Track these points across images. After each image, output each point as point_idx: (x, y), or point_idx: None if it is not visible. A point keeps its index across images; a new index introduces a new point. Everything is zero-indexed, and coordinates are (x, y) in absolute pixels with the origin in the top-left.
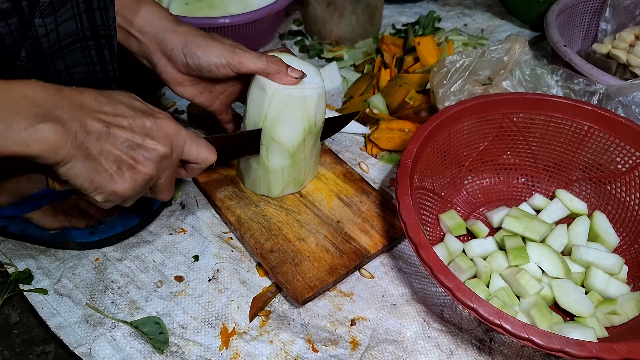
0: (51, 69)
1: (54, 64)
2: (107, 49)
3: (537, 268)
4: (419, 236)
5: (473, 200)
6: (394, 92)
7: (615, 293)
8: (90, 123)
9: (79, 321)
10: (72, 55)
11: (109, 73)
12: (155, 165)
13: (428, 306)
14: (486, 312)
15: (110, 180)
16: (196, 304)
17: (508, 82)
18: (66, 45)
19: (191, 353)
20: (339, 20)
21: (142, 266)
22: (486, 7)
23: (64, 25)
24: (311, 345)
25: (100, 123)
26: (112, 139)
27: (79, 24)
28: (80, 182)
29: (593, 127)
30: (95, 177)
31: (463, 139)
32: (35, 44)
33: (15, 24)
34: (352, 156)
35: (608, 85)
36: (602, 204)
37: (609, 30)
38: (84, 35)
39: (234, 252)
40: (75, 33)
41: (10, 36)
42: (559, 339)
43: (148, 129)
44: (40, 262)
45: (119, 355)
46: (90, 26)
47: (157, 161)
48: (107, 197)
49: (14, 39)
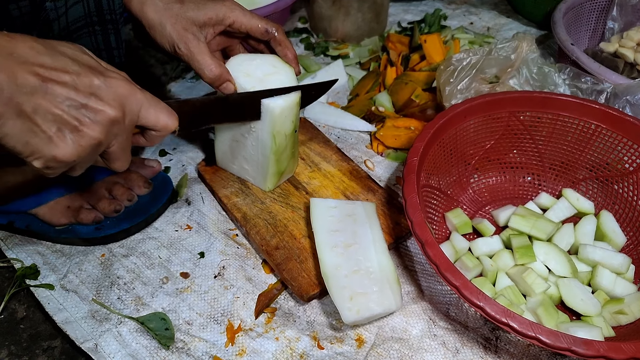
0: None
1: None
2: (113, 34)
3: (544, 267)
4: (426, 234)
5: (479, 199)
6: (400, 90)
7: (622, 292)
8: (21, 75)
9: (85, 317)
10: (79, 41)
11: (115, 59)
12: (104, 129)
13: (434, 304)
14: (493, 310)
15: (48, 143)
16: (202, 301)
17: (515, 81)
18: (74, 30)
19: (197, 349)
20: (345, 17)
21: (148, 262)
22: (492, 5)
23: (72, 9)
24: (317, 342)
25: (34, 76)
26: (50, 96)
27: (86, 8)
28: (13, 143)
29: (600, 126)
30: (30, 138)
31: (469, 137)
32: (46, 29)
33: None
34: (358, 154)
35: (615, 84)
36: (609, 203)
37: (616, 28)
38: (91, 20)
39: (240, 248)
40: (82, 18)
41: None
42: (566, 338)
43: (95, 88)
44: (46, 258)
45: (125, 351)
46: (97, 11)
47: (105, 125)
48: (46, 162)
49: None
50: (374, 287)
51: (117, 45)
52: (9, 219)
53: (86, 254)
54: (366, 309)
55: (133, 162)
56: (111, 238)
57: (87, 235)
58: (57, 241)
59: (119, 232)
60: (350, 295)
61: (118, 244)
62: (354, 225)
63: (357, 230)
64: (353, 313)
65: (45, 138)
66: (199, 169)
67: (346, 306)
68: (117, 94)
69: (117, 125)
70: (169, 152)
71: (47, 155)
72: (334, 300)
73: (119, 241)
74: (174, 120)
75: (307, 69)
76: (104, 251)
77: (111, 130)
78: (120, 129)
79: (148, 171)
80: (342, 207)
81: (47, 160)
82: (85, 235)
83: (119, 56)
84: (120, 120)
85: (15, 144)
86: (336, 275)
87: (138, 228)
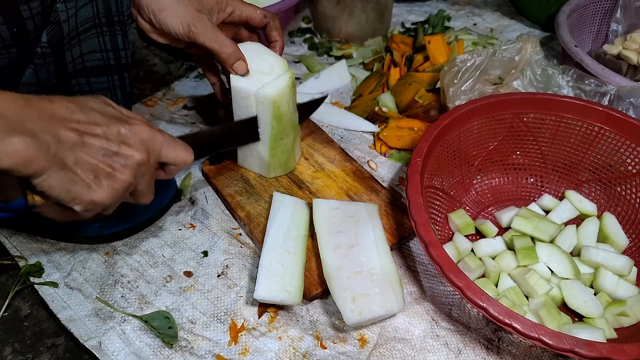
0: (68, 55)
1: (71, 50)
2: (120, 36)
3: (546, 268)
4: (430, 235)
5: (482, 200)
6: (404, 91)
7: (624, 294)
8: (63, 133)
9: (89, 314)
10: (88, 41)
11: (122, 60)
12: (133, 171)
13: (436, 305)
14: (496, 311)
15: (88, 189)
16: (205, 300)
17: (519, 82)
18: (83, 32)
19: (200, 348)
20: (349, 18)
21: (152, 261)
22: (496, 6)
23: (82, 10)
24: (319, 342)
25: (73, 132)
26: (87, 148)
27: (95, 9)
28: (57, 192)
29: (604, 128)
30: (72, 187)
31: (473, 138)
32: (56, 29)
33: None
34: (361, 154)
35: (619, 86)
36: (611, 205)
37: (619, 31)
38: (99, 21)
39: (243, 248)
40: (91, 19)
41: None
42: (569, 339)
43: (123, 136)
44: (50, 256)
45: (129, 349)
46: (105, 12)
47: (134, 168)
48: (86, 206)
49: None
50: (376, 288)
51: (124, 46)
52: (13, 216)
53: (90, 252)
54: (368, 310)
55: None
56: (115, 236)
57: (91, 233)
58: (61, 239)
59: (122, 230)
60: (352, 297)
61: (122, 243)
62: (356, 226)
63: (359, 232)
64: (355, 315)
65: (85, 186)
66: (203, 168)
67: (348, 308)
68: (142, 139)
69: (144, 166)
70: None
71: (86, 200)
72: (337, 302)
73: (122, 239)
74: (190, 155)
75: (310, 69)
76: (107, 249)
77: (139, 171)
78: (146, 169)
79: None
80: (344, 208)
81: (87, 204)
82: (90, 234)
83: (125, 57)
84: (146, 162)
85: (59, 193)
86: (338, 277)
87: (142, 227)
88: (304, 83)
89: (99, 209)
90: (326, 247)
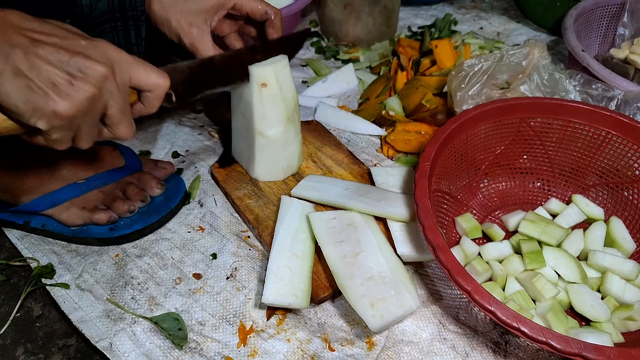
0: None
1: None
2: (133, 31)
3: (553, 272)
4: (438, 238)
5: (489, 204)
6: (411, 95)
7: (631, 299)
8: (15, 38)
9: (100, 316)
10: (102, 36)
11: None
12: (96, 83)
13: (444, 308)
14: (504, 315)
15: (46, 98)
16: (214, 302)
17: (526, 87)
18: (99, 24)
19: (209, 349)
20: (356, 22)
21: (161, 263)
22: (502, 10)
23: (99, 3)
24: (327, 344)
25: (25, 38)
26: (42, 55)
27: (110, 4)
28: (14, 101)
29: (611, 133)
30: (29, 95)
31: (480, 142)
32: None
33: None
34: (368, 157)
35: (626, 90)
36: (618, 210)
37: (626, 35)
38: (114, 15)
39: (252, 250)
40: (107, 12)
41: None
42: (576, 343)
43: (83, 47)
44: (62, 257)
45: (139, 350)
46: (119, 7)
47: (98, 79)
48: (50, 120)
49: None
50: (391, 290)
51: (136, 42)
52: (25, 219)
53: (100, 254)
54: (389, 313)
55: (146, 164)
56: (125, 238)
57: (101, 235)
58: (72, 241)
59: (132, 232)
60: (370, 303)
61: (132, 245)
62: (356, 233)
63: (360, 238)
64: (377, 319)
65: (43, 94)
66: (212, 170)
67: (369, 314)
68: (104, 53)
69: (109, 81)
70: (182, 154)
71: (47, 112)
72: (357, 311)
73: (132, 242)
74: (165, 79)
75: (317, 73)
76: (117, 251)
77: (104, 86)
78: (113, 86)
79: (161, 173)
80: (340, 217)
81: (49, 117)
82: (100, 235)
83: (138, 53)
84: (110, 77)
85: (16, 103)
86: (353, 285)
87: (151, 229)
88: (311, 86)
89: (65, 125)
90: (333, 258)
